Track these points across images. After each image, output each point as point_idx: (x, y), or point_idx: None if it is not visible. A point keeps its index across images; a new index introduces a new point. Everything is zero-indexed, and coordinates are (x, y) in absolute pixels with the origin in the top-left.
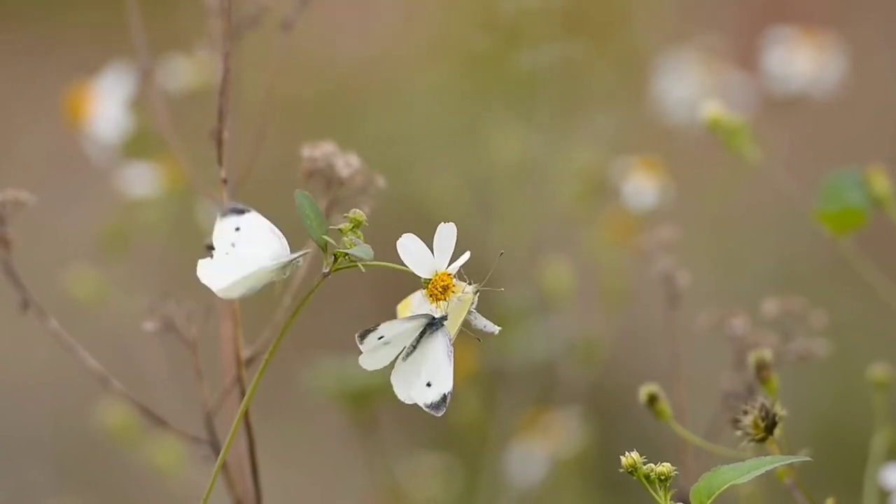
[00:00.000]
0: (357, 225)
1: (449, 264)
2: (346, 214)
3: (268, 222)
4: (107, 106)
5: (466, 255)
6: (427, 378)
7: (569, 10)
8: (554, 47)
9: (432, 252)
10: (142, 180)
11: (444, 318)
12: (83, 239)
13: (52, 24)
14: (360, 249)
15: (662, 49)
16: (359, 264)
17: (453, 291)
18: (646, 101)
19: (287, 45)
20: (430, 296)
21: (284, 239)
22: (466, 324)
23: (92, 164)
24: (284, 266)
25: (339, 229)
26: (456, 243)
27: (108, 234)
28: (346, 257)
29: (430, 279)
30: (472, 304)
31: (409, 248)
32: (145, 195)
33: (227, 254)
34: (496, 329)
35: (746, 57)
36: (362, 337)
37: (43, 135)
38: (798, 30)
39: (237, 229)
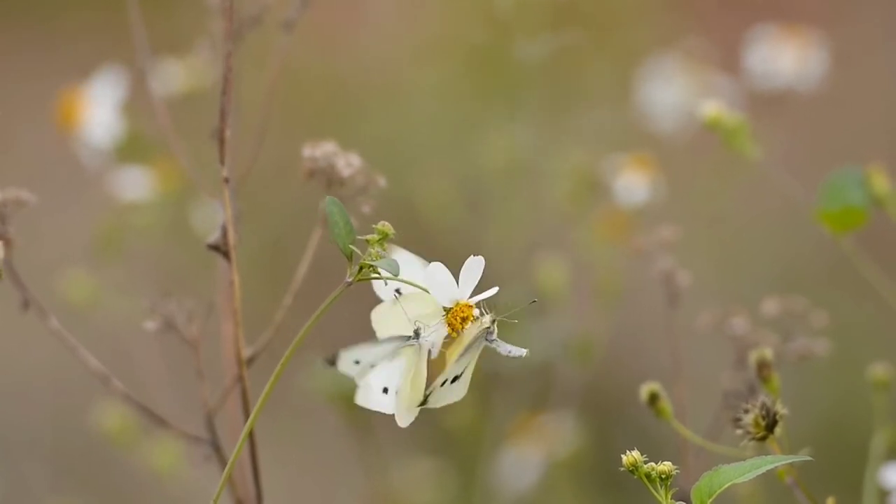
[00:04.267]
0: (384, 237)
1: (471, 295)
2: (374, 225)
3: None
4: (99, 110)
5: (494, 291)
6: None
7: (562, 8)
8: (548, 46)
9: (456, 280)
10: (136, 184)
11: (418, 333)
12: (82, 239)
13: (52, 24)
14: (387, 263)
15: (651, 50)
16: (383, 278)
17: (471, 321)
18: (637, 101)
19: (288, 44)
20: (449, 325)
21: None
22: (492, 351)
23: (84, 168)
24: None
25: (366, 240)
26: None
27: (102, 238)
28: (371, 268)
29: (450, 308)
30: (492, 333)
31: (436, 278)
32: (139, 199)
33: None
34: (523, 352)
35: (739, 58)
36: (330, 362)
37: (42, 134)
38: (779, 27)
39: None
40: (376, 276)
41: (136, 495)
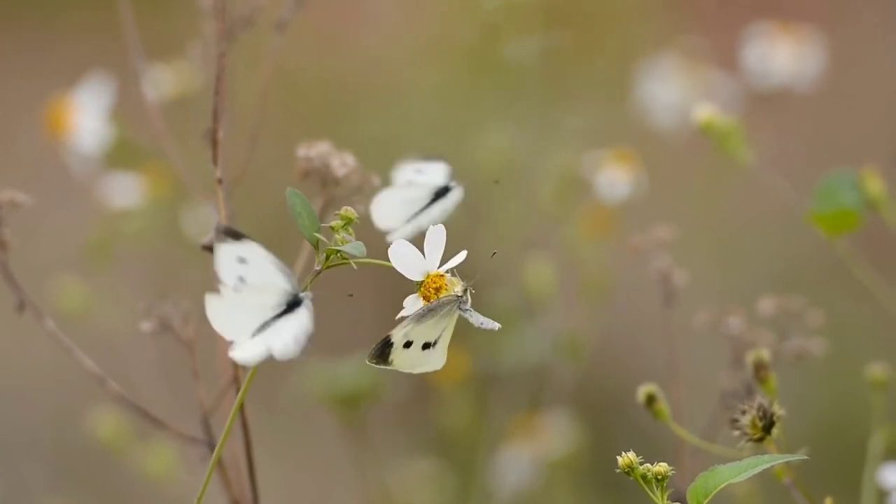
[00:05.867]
0: (348, 222)
1: (441, 265)
2: (337, 212)
3: (269, 254)
4: (86, 118)
5: (462, 255)
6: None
7: (560, 9)
8: (541, 43)
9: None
10: (126, 191)
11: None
12: (80, 239)
13: (51, 24)
14: (352, 246)
15: (648, 49)
16: (351, 262)
17: (446, 291)
18: (633, 99)
19: (281, 45)
20: (424, 297)
21: (289, 272)
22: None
23: (74, 175)
24: None
25: (331, 227)
26: (446, 244)
27: (94, 245)
28: (338, 254)
29: (422, 281)
30: (466, 302)
31: (401, 254)
32: (130, 205)
33: (236, 292)
34: (496, 325)
35: (737, 56)
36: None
37: (40, 134)
38: (776, 25)
39: (242, 260)
40: (344, 261)
41: (135, 496)
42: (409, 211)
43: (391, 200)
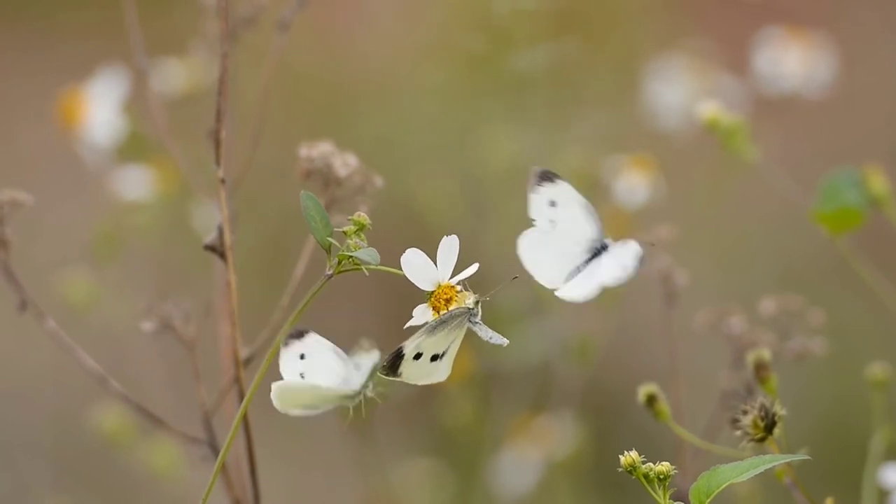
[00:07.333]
0: (361, 228)
1: (452, 276)
2: (350, 217)
3: (330, 345)
4: (99, 110)
5: (474, 268)
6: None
7: (562, 10)
8: (548, 48)
9: (435, 264)
10: (136, 184)
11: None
12: (81, 237)
13: (51, 22)
14: (366, 252)
15: (654, 52)
16: (363, 268)
17: (457, 302)
18: (639, 102)
19: (284, 45)
20: (434, 308)
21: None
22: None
23: (86, 168)
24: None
25: (343, 232)
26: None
27: (100, 239)
28: (350, 260)
29: (433, 291)
30: (476, 314)
31: (413, 263)
32: (139, 199)
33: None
34: (504, 341)
35: (741, 59)
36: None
37: (41, 132)
38: (787, 30)
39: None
40: (356, 267)
41: (136, 495)
42: (564, 265)
43: (542, 247)
